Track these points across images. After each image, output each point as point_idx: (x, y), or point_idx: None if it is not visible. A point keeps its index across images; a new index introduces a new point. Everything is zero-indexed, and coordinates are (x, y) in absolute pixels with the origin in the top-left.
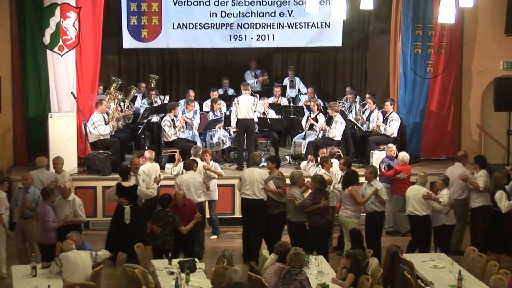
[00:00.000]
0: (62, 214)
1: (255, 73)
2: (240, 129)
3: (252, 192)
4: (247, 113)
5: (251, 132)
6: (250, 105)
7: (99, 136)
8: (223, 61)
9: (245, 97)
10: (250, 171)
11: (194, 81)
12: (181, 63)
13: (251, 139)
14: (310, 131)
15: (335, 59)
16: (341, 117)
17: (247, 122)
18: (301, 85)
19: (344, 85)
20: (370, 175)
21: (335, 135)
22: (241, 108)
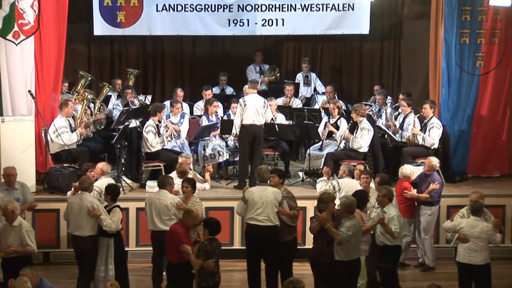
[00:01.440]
0: (5, 244)
1: (260, 68)
2: (245, 137)
3: (266, 217)
4: (256, 117)
5: (259, 143)
6: (260, 108)
7: (63, 146)
8: (219, 53)
9: (254, 98)
10: (260, 190)
11: (183, 77)
12: (167, 55)
13: (258, 152)
14: (329, 140)
15: (360, 50)
16: (368, 123)
17: (255, 130)
18: (317, 82)
19: (372, 83)
20: (383, 198)
21: (360, 145)
22: (249, 111)
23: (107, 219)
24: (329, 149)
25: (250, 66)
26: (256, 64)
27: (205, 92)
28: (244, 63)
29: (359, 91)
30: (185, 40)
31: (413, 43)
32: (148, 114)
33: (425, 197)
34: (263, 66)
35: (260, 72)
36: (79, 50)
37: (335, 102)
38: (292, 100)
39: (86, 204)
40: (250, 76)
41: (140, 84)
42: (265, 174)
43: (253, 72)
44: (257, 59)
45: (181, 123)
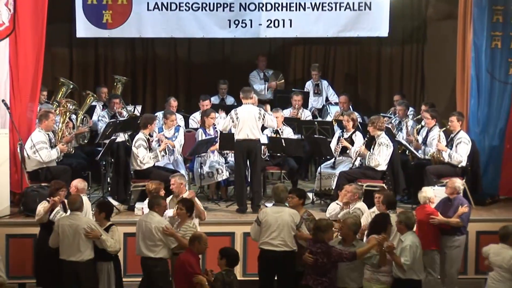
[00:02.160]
0: None
1: (264, 74)
2: (239, 154)
3: (282, 241)
4: (250, 131)
5: (256, 159)
6: (253, 119)
7: (41, 163)
8: (218, 58)
9: (246, 109)
10: (276, 211)
11: (177, 86)
12: (159, 60)
13: (256, 169)
14: (343, 157)
15: (378, 55)
16: (387, 138)
17: (250, 145)
18: (330, 91)
19: (391, 92)
20: (400, 225)
21: (378, 163)
22: (242, 124)
23: (109, 239)
24: (342, 167)
25: (253, 72)
26: (260, 70)
27: (202, 102)
28: (246, 69)
29: (376, 101)
30: (179, 43)
31: (438, 47)
32: (137, 127)
33: (456, 222)
34: (267, 72)
35: (265, 78)
36: (59, 54)
37: (350, 113)
38: (301, 112)
39: (81, 225)
40: (253, 83)
41: (129, 93)
42: (282, 193)
43: (257, 79)
44: (260, 64)
45: (175, 137)
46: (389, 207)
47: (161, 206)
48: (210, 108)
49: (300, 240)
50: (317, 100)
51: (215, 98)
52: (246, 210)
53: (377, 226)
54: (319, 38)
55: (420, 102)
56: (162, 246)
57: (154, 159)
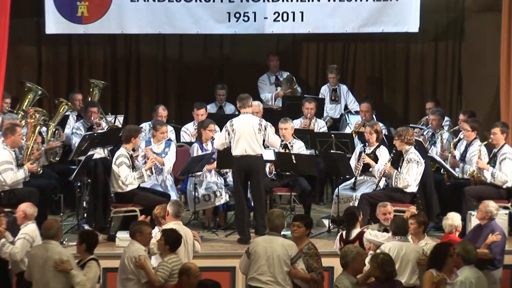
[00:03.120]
0: None
1: (276, 78)
2: (237, 173)
3: (272, 277)
4: (248, 145)
5: (257, 179)
6: (252, 132)
7: (3, 186)
8: (216, 58)
9: (244, 119)
10: (267, 241)
11: (166, 91)
12: (145, 61)
13: (259, 191)
14: (365, 176)
15: (407, 55)
16: (417, 154)
17: (249, 162)
18: (349, 98)
19: (422, 99)
20: (457, 258)
21: (407, 183)
22: (238, 137)
23: (79, 275)
24: (364, 188)
25: (263, 76)
26: (272, 73)
27: (196, 111)
28: (249, 71)
29: (405, 109)
30: (169, 40)
31: (478, 45)
32: (119, 141)
33: (483, 254)
34: (280, 75)
35: (277, 83)
36: (26, 54)
37: (373, 124)
38: (314, 122)
39: (53, 255)
40: (262, 90)
41: (109, 100)
42: (277, 219)
43: (267, 84)
44: (272, 66)
45: (165, 153)
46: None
47: (143, 234)
48: (207, 118)
49: (295, 279)
50: (334, 108)
51: (212, 106)
52: (249, 240)
53: (438, 258)
54: (336, 34)
55: (457, 110)
56: (135, 281)
57: (139, 179)
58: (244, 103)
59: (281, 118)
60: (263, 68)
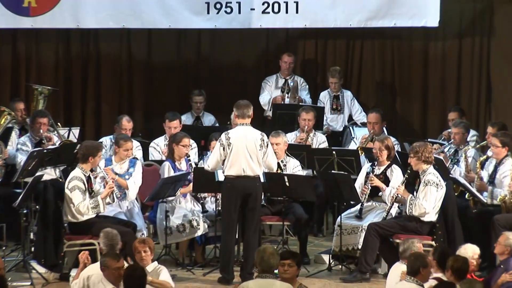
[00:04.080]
0: None
1: (286, 83)
2: (230, 198)
3: None
4: (247, 164)
5: (254, 207)
6: (253, 148)
7: None
8: (193, 58)
9: (243, 132)
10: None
11: (132, 99)
12: (106, 62)
13: (254, 221)
14: (373, 202)
15: (425, 55)
16: (437, 175)
17: (247, 185)
18: (354, 106)
19: (444, 108)
20: None
21: (424, 210)
22: (236, 154)
23: None
24: (372, 217)
25: (271, 76)
26: (282, 75)
27: (169, 123)
28: (233, 74)
29: (422, 121)
30: (135, 37)
31: (510, 42)
32: (73, 159)
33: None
34: (292, 80)
35: (284, 88)
36: None
37: (383, 139)
38: (313, 136)
39: None
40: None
41: (61, 110)
42: (271, 258)
43: (272, 87)
44: (284, 67)
45: (129, 174)
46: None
47: (109, 269)
48: (181, 131)
49: None
50: (335, 119)
51: (187, 116)
52: (232, 280)
53: None
54: (338, 30)
55: (485, 122)
56: None
57: (94, 209)
58: (244, 112)
59: (273, 129)
60: (249, 70)
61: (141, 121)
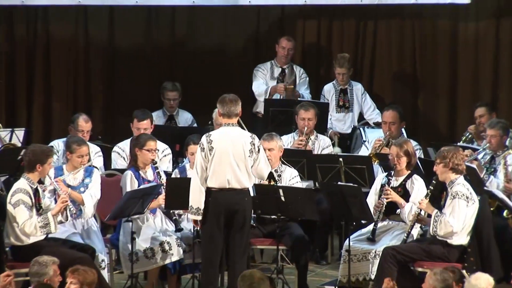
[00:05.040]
0: None
1: (282, 72)
2: (213, 215)
3: None
4: (233, 174)
5: (241, 225)
6: (241, 154)
7: None
8: (165, 43)
9: (229, 134)
10: None
11: (90, 93)
12: (57, 47)
13: (241, 244)
14: (389, 221)
15: (453, 38)
16: (467, 186)
17: (232, 199)
18: (366, 102)
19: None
20: None
21: (451, 229)
22: (220, 160)
23: None
24: (388, 239)
25: (265, 63)
26: (278, 63)
27: (137, 123)
28: (215, 64)
29: (451, 120)
30: (94, 16)
31: None
32: (17, 168)
33: None
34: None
35: (280, 78)
36: None
37: (402, 143)
38: (314, 139)
39: None
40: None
41: (2, 107)
42: (261, 285)
43: (266, 76)
44: (281, 54)
45: (85, 185)
46: None
47: None
48: (149, 133)
49: None
50: (343, 118)
51: (158, 114)
52: None
53: None
54: (346, 7)
55: None
56: None
57: (43, 229)
58: (230, 109)
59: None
60: (236, 58)
61: (101, 121)
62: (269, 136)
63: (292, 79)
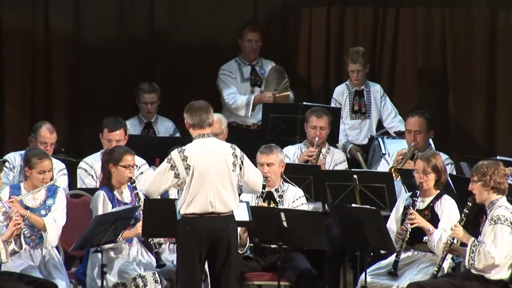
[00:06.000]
0: None
1: (253, 70)
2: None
3: None
4: (215, 195)
5: (225, 256)
6: (224, 170)
7: None
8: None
9: (207, 147)
10: None
11: (52, 95)
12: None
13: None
14: (414, 251)
15: (492, 29)
16: (511, 209)
17: (214, 226)
18: (386, 107)
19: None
20: None
21: (492, 261)
22: (200, 180)
23: None
24: (414, 273)
25: (229, 63)
26: (245, 59)
27: (108, 133)
28: (201, 61)
29: (488, 128)
30: (56, 4)
31: None
32: None
33: None
34: (261, 66)
35: (254, 79)
36: None
37: (429, 156)
38: (325, 153)
39: None
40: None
41: None
42: None
43: (236, 79)
44: (247, 48)
45: (47, 208)
46: None
47: None
48: (124, 145)
49: None
50: (358, 126)
51: (133, 121)
52: None
53: None
54: None
55: None
56: None
57: None
58: (202, 118)
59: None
60: (228, 54)
61: (64, 130)
62: (267, 148)
63: (284, 83)
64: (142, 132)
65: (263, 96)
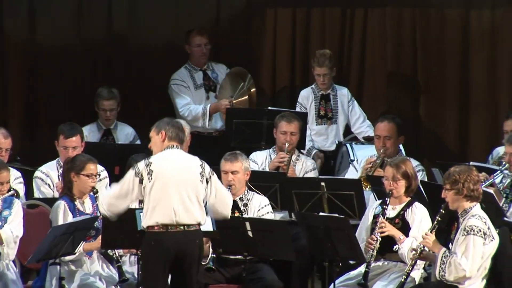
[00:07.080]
0: None
1: (205, 76)
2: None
3: None
4: (181, 208)
5: (189, 271)
6: (192, 183)
7: None
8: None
9: (174, 160)
10: None
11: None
12: None
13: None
14: (384, 261)
15: (464, 31)
16: (484, 218)
17: (179, 240)
18: (354, 111)
19: (496, 115)
20: None
21: (463, 273)
22: (164, 190)
23: None
24: (384, 283)
25: (179, 71)
26: (195, 65)
27: (64, 140)
28: (162, 65)
29: (460, 133)
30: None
31: None
32: None
33: None
34: (212, 70)
35: (207, 85)
36: None
37: (399, 163)
38: (296, 160)
39: None
40: (182, 99)
41: None
42: None
43: (189, 88)
44: (196, 53)
45: (3, 219)
46: None
47: None
48: (82, 152)
49: None
50: (325, 131)
51: (91, 127)
52: None
53: None
54: None
55: None
56: None
57: None
58: (179, 134)
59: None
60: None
61: (19, 137)
62: (232, 155)
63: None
64: (101, 139)
65: (220, 105)
